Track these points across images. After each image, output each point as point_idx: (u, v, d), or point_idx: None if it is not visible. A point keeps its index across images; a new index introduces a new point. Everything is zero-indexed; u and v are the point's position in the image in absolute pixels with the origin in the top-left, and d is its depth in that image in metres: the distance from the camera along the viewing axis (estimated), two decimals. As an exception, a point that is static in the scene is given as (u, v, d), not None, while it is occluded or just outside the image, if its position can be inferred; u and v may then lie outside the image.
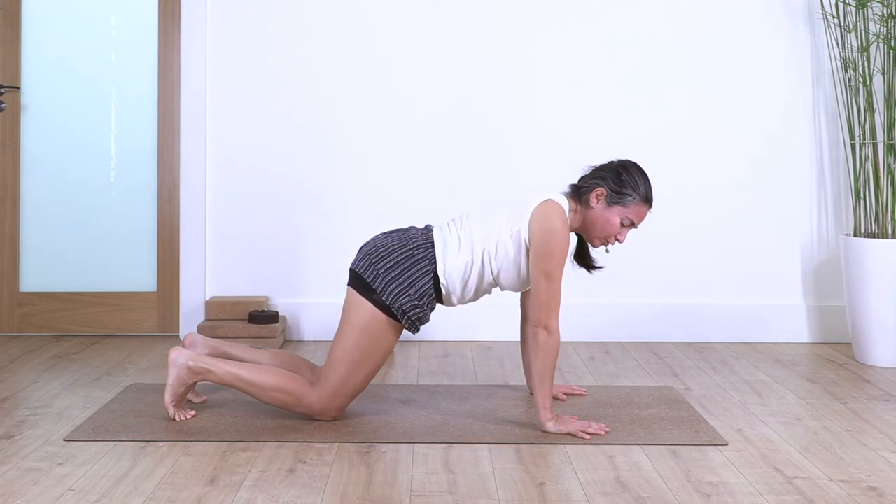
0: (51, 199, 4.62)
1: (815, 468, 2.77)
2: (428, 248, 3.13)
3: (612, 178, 3.14)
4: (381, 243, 3.15)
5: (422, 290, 3.10)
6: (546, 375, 3.04)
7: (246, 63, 4.57)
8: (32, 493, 2.53)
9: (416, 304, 3.09)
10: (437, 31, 4.57)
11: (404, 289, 3.08)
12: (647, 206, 3.16)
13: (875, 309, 4.08)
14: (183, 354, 3.11)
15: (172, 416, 3.13)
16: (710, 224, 4.60)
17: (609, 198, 3.13)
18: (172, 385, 3.11)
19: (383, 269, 3.09)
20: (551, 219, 3.07)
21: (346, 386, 3.12)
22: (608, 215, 3.14)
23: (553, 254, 3.05)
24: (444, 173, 4.57)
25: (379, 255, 3.12)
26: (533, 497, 2.52)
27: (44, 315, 4.61)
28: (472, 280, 3.14)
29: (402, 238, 3.16)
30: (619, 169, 3.16)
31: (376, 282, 3.09)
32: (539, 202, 3.12)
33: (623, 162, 3.19)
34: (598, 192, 3.14)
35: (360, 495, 2.53)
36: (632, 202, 3.13)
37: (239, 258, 4.59)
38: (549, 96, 4.57)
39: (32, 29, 4.60)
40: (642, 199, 3.14)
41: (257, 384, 3.10)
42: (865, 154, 4.28)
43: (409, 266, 3.10)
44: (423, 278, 3.10)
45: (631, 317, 4.58)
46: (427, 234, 3.17)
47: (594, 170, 3.22)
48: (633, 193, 3.13)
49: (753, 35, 4.58)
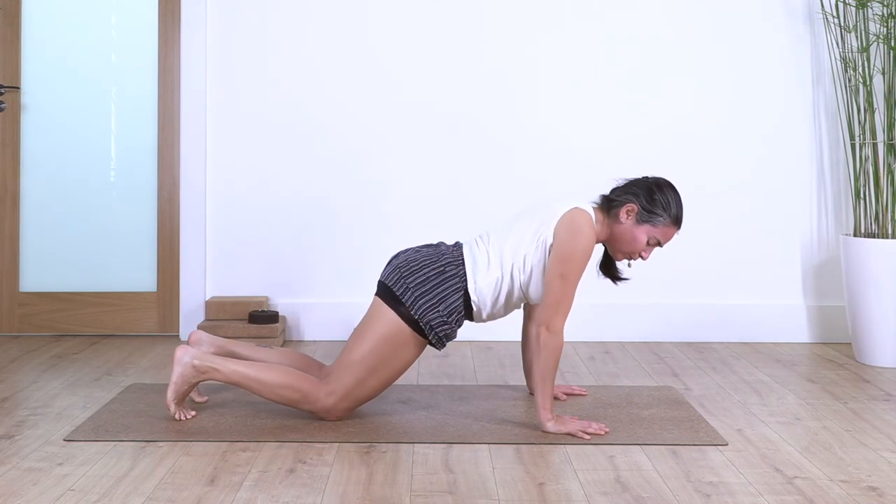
0: (51, 199, 4.62)
1: (815, 468, 2.77)
2: (459, 265, 3.13)
3: (644, 196, 3.13)
4: (413, 258, 3.15)
5: (451, 306, 3.10)
6: (547, 376, 3.04)
7: (246, 63, 4.57)
8: (32, 493, 2.53)
9: (444, 320, 3.09)
10: (436, 30, 4.57)
11: (434, 304, 3.08)
12: (675, 227, 3.17)
13: (875, 309, 4.08)
14: (188, 353, 3.11)
15: (174, 413, 3.13)
16: (709, 224, 4.60)
17: (639, 215, 3.13)
18: (176, 383, 3.11)
19: (413, 284, 3.09)
20: (578, 224, 3.07)
21: (358, 390, 3.11)
22: (636, 232, 3.14)
23: (573, 256, 3.04)
24: (445, 173, 4.57)
25: (410, 270, 3.11)
26: (533, 497, 2.52)
27: (44, 315, 4.61)
28: (502, 296, 3.14)
29: (433, 254, 3.15)
30: (652, 187, 3.15)
31: (406, 295, 3.08)
32: (566, 210, 3.11)
33: (657, 180, 3.18)
34: (628, 207, 3.13)
35: (360, 495, 2.53)
36: (661, 222, 3.13)
37: (239, 258, 4.59)
38: (549, 96, 4.57)
39: (32, 29, 4.60)
40: (672, 220, 3.14)
41: (264, 382, 3.09)
42: (865, 154, 4.28)
43: (440, 282, 3.10)
44: (453, 295, 3.10)
45: (631, 317, 4.58)
46: (457, 251, 3.16)
47: (627, 184, 3.19)
48: (664, 214, 3.13)
49: (753, 35, 4.58)
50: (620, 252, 3.20)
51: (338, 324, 4.57)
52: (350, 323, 4.57)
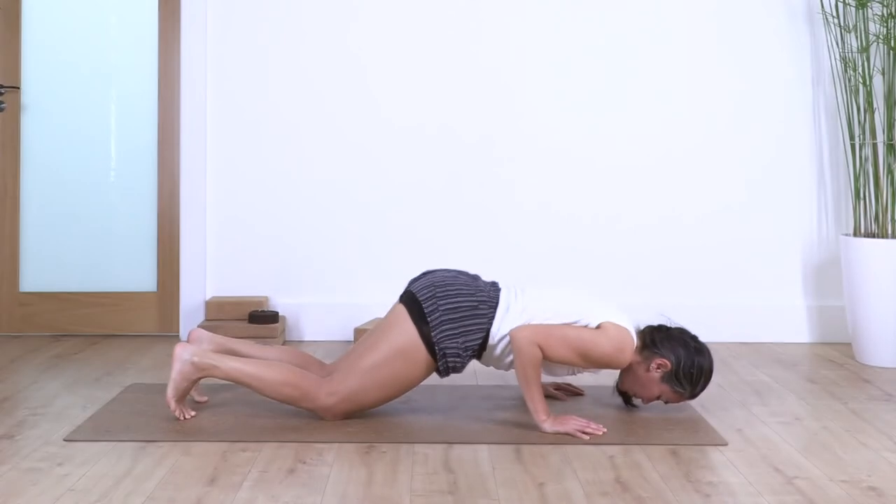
0: (51, 199, 4.62)
1: (815, 468, 2.77)
2: (492, 306, 3.11)
3: (683, 364, 3.12)
4: (451, 282, 3.12)
5: (469, 343, 3.08)
6: (527, 378, 3.02)
7: (246, 63, 4.57)
8: (32, 493, 2.53)
9: (459, 353, 3.08)
10: (435, 33, 4.56)
11: (455, 335, 3.07)
12: (689, 399, 3.20)
13: (875, 309, 4.08)
14: (188, 350, 3.10)
15: (174, 410, 3.12)
16: (709, 224, 4.60)
17: (667, 376, 3.13)
18: (175, 380, 3.10)
19: (444, 307, 3.07)
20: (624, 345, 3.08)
21: (361, 396, 3.10)
22: (654, 386, 3.16)
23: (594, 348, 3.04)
24: (445, 173, 4.57)
25: (445, 292, 3.09)
26: (533, 497, 2.52)
27: (44, 315, 4.61)
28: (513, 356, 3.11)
29: (472, 286, 3.13)
30: (695, 358, 3.14)
31: (433, 315, 3.06)
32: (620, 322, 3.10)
33: (699, 347, 3.16)
34: (661, 362, 3.13)
35: (360, 495, 2.53)
36: (680, 393, 3.16)
37: (239, 258, 4.59)
38: (547, 102, 4.57)
39: (32, 29, 4.60)
40: (690, 395, 3.18)
41: (264, 379, 3.09)
42: (865, 154, 4.28)
43: (469, 315, 3.08)
44: (475, 333, 3.09)
45: (631, 317, 4.57)
46: (495, 292, 3.14)
47: (671, 337, 3.16)
48: (689, 388, 3.15)
49: (753, 35, 4.58)
50: (628, 387, 3.22)
51: (338, 324, 4.57)
52: (350, 323, 4.57)
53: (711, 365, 3.17)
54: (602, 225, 4.59)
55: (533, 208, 4.57)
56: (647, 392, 3.17)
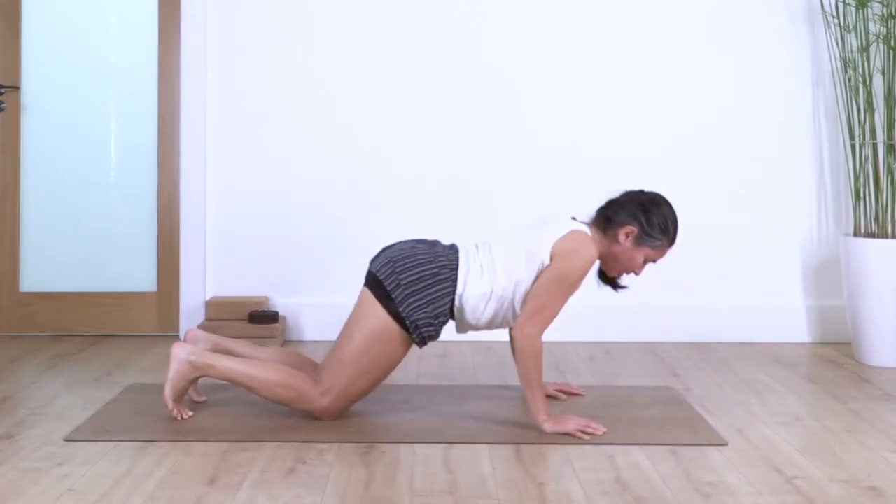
0: (51, 199, 4.62)
1: (815, 468, 2.77)
2: (453, 269, 3.11)
3: (643, 218, 3.13)
4: (409, 254, 3.12)
5: (439, 309, 3.09)
6: (529, 379, 3.03)
7: (246, 63, 4.57)
8: (32, 493, 2.53)
9: (430, 322, 3.09)
10: (436, 30, 4.57)
11: (423, 305, 3.07)
12: (671, 246, 3.20)
13: (875, 309, 4.08)
14: (185, 349, 3.11)
15: (171, 410, 3.13)
16: (709, 224, 4.60)
17: (638, 238, 3.13)
18: (173, 379, 3.11)
19: (406, 281, 3.07)
20: (578, 244, 3.07)
21: (351, 389, 3.11)
22: (634, 254, 3.15)
23: (570, 274, 3.04)
24: (446, 173, 4.57)
25: (404, 266, 3.10)
26: (533, 497, 2.52)
27: (44, 315, 4.61)
28: (487, 312, 3.13)
29: (429, 253, 3.13)
30: (650, 208, 3.14)
31: (396, 291, 3.07)
32: (563, 234, 3.10)
33: (654, 198, 3.17)
34: (628, 230, 3.12)
35: (360, 495, 2.53)
36: (659, 245, 3.15)
37: (239, 258, 4.59)
38: (547, 99, 4.57)
39: (32, 29, 4.60)
40: (669, 242, 3.16)
41: (259, 379, 3.10)
42: (865, 154, 4.28)
43: (432, 283, 3.08)
44: (442, 299, 3.09)
45: (631, 317, 4.58)
46: (454, 254, 3.14)
47: (624, 202, 3.17)
48: (662, 237, 3.14)
49: (753, 35, 4.58)
50: (616, 270, 3.21)
51: (338, 324, 4.57)
52: (350, 323, 4.56)
53: (671, 206, 3.17)
54: (602, 225, 4.58)
55: (534, 207, 4.57)
56: (632, 263, 3.16)
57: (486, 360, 4.14)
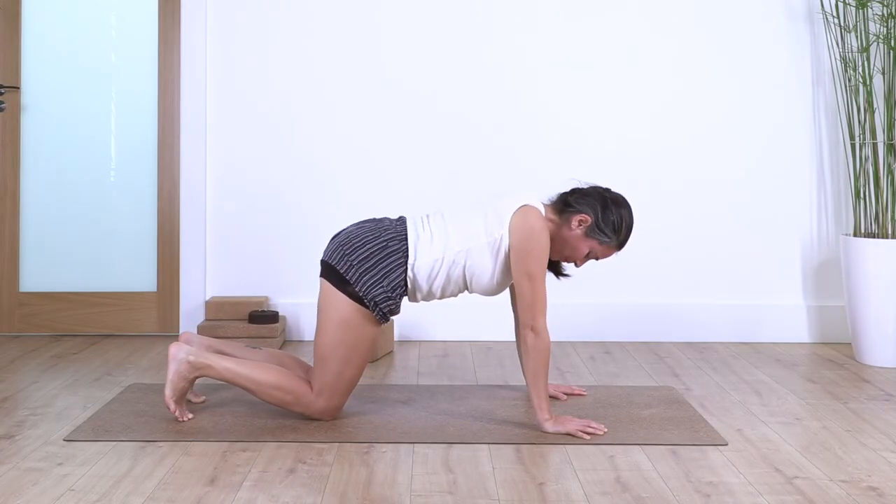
0: (51, 199, 4.62)
1: (815, 468, 2.77)
2: (401, 240, 3.12)
3: (600, 211, 3.15)
4: (355, 234, 3.14)
5: (394, 282, 3.09)
6: (539, 376, 3.04)
7: (246, 63, 4.57)
8: (32, 493, 2.53)
9: (388, 296, 3.09)
10: (437, 26, 4.57)
11: (377, 280, 3.08)
12: (618, 250, 3.20)
13: (875, 309, 4.08)
14: (183, 349, 3.11)
15: (174, 411, 3.13)
16: (710, 224, 4.60)
17: (589, 229, 3.14)
18: (173, 380, 3.11)
19: (357, 260, 3.08)
20: (531, 220, 3.08)
21: (340, 382, 3.12)
22: (580, 243, 3.16)
23: (533, 253, 3.06)
24: (447, 173, 4.57)
25: (352, 246, 3.11)
26: (533, 497, 2.52)
27: (44, 315, 4.61)
28: (439, 279, 3.13)
29: (375, 229, 3.15)
30: (610, 205, 3.16)
31: (349, 272, 3.08)
32: (517, 207, 3.11)
33: (616, 198, 3.19)
34: (582, 217, 3.14)
35: (360, 495, 2.53)
36: (607, 242, 3.16)
37: (239, 258, 4.59)
38: (549, 95, 4.57)
39: (32, 29, 4.60)
40: (617, 243, 3.18)
41: (256, 381, 3.10)
42: (865, 154, 4.28)
43: (382, 258, 3.09)
44: (395, 270, 3.10)
45: (631, 317, 4.58)
46: (401, 225, 3.16)
47: (587, 192, 3.20)
48: (613, 236, 3.15)
49: (753, 35, 4.58)
50: (559, 254, 3.22)
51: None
52: (350, 323, 4.56)
53: (631, 211, 3.19)
54: (602, 225, 4.58)
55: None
56: (576, 251, 3.17)
57: (486, 360, 4.14)
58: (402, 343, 4.52)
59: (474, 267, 3.12)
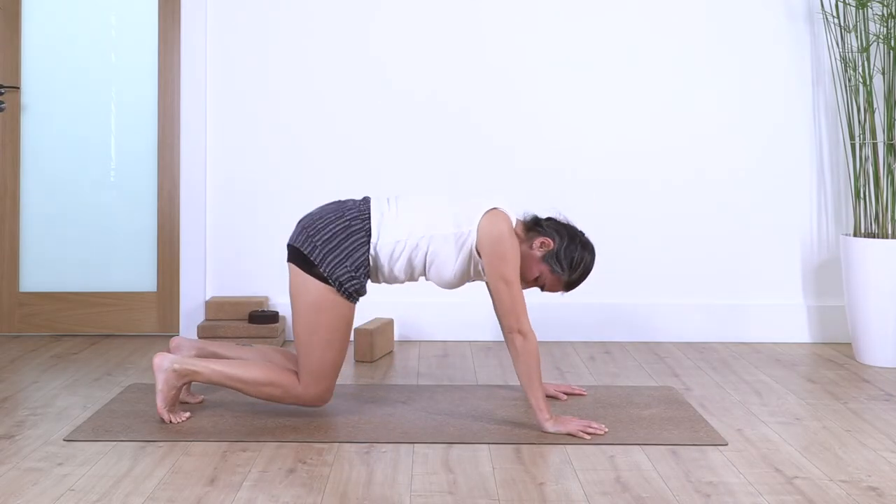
0: (51, 199, 4.62)
1: (815, 468, 2.77)
2: (365, 219, 3.13)
3: (566, 244, 3.15)
4: (318, 216, 3.15)
5: (358, 261, 3.09)
6: (533, 378, 3.04)
7: (246, 63, 4.57)
8: (32, 493, 2.53)
9: (352, 275, 3.09)
10: (437, 27, 4.57)
11: (341, 260, 3.08)
12: (563, 289, 3.20)
13: (875, 309, 4.08)
14: (167, 359, 3.12)
15: (168, 420, 3.13)
16: (709, 224, 4.60)
17: (548, 255, 3.14)
18: (162, 391, 3.11)
19: (321, 241, 3.09)
20: (500, 224, 3.08)
21: (324, 366, 3.12)
22: (534, 265, 3.16)
23: (506, 256, 3.06)
24: (447, 172, 4.57)
25: (316, 228, 3.11)
26: (533, 497, 2.52)
27: (44, 315, 4.61)
28: (400, 261, 3.13)
29: (338, 209, 3.15)
30: (577, 244, 3.17)
31: (314, 254, 3.08)
32: (487, 210, 3.12)
33: (586, 242, 3.19)
34: (545, 241, 3.15)
35: (360, 495, 2.53)
36: (558, 275, 3.15)
37: (239, 258, 4.59)
38: (549, 96, 4.57)
39: (32, 29, 4.60)
40: (566, 282, 3.17)
41: (245, 380, 3.11)
42: (865, 154, 4.28)
43: (345, 237, 3.09)
44: (359, 249, 3.10)
45: (631, 317, 4.58)
46: (364, 205, 3.16)
47: (560, 224, 3.21)
48: (566, 271, 3.15)
49: (753, 35, 4.58)
50: None
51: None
52: (350, 323, 4.56)
53: (593, 260, 3.19)
54: (601, 225, 4.59)
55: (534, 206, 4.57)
56: (527, 272, 3.17)
57: (486, 360, 4.14)
58: (402, 343, 4.52)
59: (436, 255, 3.12)
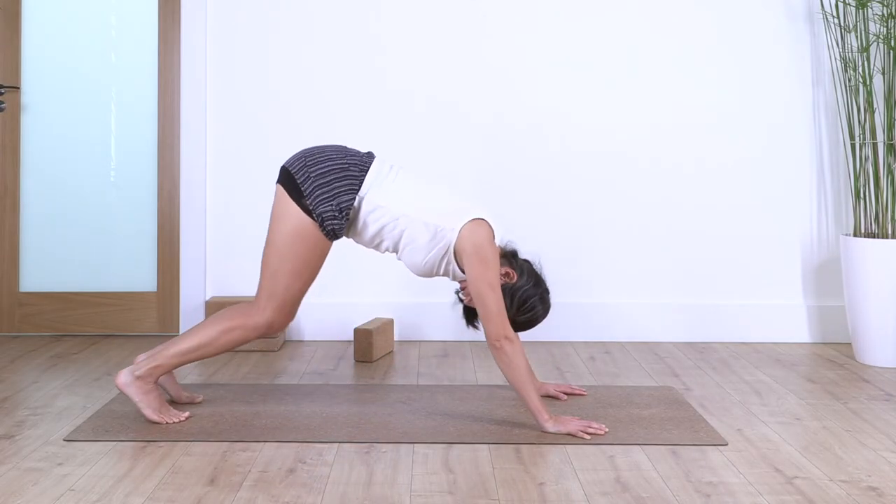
0: (51, 199, 4.62)
1: (815, 468, 2.77)
2: (362, 170, 3.13)
3: (527, 286, 3.18)
4: (321, 150, 3.16)
5: (343, 204, 3.10)
6: (525, 381, 3.03)
7: (246, 63, 4.57)
8: (32, 493, 2.53)
9: (335, 215, 3.09)
10: (438, 27, 4.57)
11: (329, 198, 3.08)
12: None
13: (875, 309, 4.08)
14: (123, 374, 3.12)
15: (164, 420, 3.11)
16: (710, 224, 4.60)
17: (506, 286, 3.15)
18: (141, 401, 3.11)
19: (315, 174, 3.09)
20: (483, 232, 3.10)
21: (289, 295, 3.13)
22: None
23: (489, 262, 3.07)
24: (448, 172, 4.57)
25: (314, 160, 3.12)
26: (533, 497, 2.52)
27: (44, 315, 4.61)
28: (373, 226, 3.13)
29: (341, 151, 3.17)
30: (538, 293, 3.19)
31: (305, 184, 3.08)
32: (474, 217, 3.12)
33: (546, 297, 3.22)
34: (510, 273, 3.17)
35: (360, 495, 2.53)
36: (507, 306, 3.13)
37: (239, 258, 4.59)
38: (547, 94, 4.57)
39: (32, 29, 4.60)
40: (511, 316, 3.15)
41: (203, 342, 3.12)
42: (865, 154, 4.28)
43: (338, 178, 3.10)
44: (346, 194, 3.10)
45: (631, 317, 4.58)
46: (368, 159, 3.17)
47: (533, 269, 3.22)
48: (512, 309, 3.15)
49: (753, 35, 4.58)
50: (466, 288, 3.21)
51: (338, 324, 4.57)
52: (350, 323, 4.56)
53: (544, 315, 3.23)
54: (601, 225, 4.59)
55: (533, 211, 4.57)
56: None
57: (486, 360, 4.14)
58: (402, 343, 4.52)
59: (411, 238, 3.12)
